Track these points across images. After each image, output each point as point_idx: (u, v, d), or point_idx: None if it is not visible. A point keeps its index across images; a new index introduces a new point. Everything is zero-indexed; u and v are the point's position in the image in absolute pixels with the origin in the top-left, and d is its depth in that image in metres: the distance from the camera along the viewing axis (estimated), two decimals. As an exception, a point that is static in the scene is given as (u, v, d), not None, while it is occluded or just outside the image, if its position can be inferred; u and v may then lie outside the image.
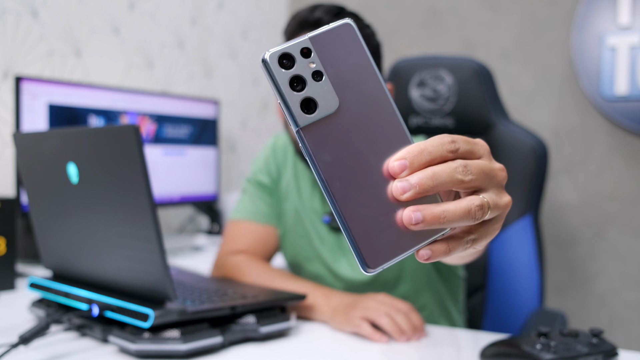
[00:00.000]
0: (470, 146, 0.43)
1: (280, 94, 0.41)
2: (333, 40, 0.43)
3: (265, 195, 1.20)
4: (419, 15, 2.27)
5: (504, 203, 0.45)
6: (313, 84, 0.42)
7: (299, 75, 0.42)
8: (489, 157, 0.45)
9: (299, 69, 0.42)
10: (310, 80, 0.42)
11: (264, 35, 2.46)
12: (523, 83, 2.09)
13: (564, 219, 2.04)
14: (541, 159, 1.35)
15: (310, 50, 0.42)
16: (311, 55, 0.42)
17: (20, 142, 0.92)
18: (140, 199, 0.74)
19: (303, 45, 0.42)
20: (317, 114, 0.42)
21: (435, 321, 1.16)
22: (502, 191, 0.46)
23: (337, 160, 0.42)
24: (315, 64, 0.42)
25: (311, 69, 0.42)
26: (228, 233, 1.19)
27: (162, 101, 1.75)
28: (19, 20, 1.58)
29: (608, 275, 1.99)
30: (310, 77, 0.42)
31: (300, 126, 0.41)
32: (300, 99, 0.41)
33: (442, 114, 1.43)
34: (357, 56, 0.43)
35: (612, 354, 0.71)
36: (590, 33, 1.95)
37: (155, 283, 0.78)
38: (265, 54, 0.42)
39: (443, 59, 1.44)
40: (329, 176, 0.41)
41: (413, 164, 0.41)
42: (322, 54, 0.42)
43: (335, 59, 0.43)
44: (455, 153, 0.42)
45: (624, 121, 1.91)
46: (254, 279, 1.05)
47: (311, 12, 1.04)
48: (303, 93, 0.42)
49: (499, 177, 0.45)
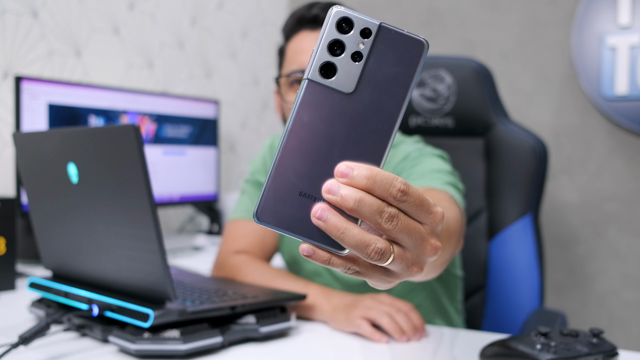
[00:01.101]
0: (419, 209, 0.43)
1: (318, 43, 0.43)
2: (398, 44, 0.43)
3: None
4: (419, 15, 2.27)
5: (411, 272, 0.45)
6: (348, 59, 0.43)
7: (343, 43, 0.43)
8: (431, 229, 0.45)
9: (348, 39, 0.43)
10: (348, 55, 0.43)
11: (264, 35, 2.46)
12: (523, 83, 2.09)
13: (564, 219, 2.04)
14: (541, 159, 1.35)
15: (370, 33, 0.43)
16: (368, 38, 0.43)
17: (20, 142, 0.92)
18: (140, 199, 0.74)
19: (369, 25, 0.43)
20: (329, 82, 0.43)
21: (431, 320, 1.16)
22: (418, 262, 0.45)
23: (310, 126, 0.43)
24: (365, 47, 0.43)
25: (357, 48, 0.43)
26: (228, 233, 1.19)
27: (162, 101, 1.75)
28: (19, 20, 1.58)
29: (608, 275, 1.99)
30: (350, 53, 0.43)
31: (309, 78, 0.43)
32: (326, 60, 0.43)
33: (442, 114, 1.43)
34: (405, 71, 0.43)
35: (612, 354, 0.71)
36: (590, 33, 1.95)
37: (155, 283, 0.78)
38: (334, 7, 0.43)
39: (443, 59, 1.44)
40: (294, 129, 0.43)
41: (354, 178, 0.42)
42: (378, 45, 0.43)
43: (384, 58, 0.43)
44: (399, 203, 0.42)
45: (624, 121, 1.91)
46: (255, 279, 1.05)
47: (308, 10, 1.06)
48: (333, 58, 0.43)
49: (426, 250, 0.45)
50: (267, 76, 2.48)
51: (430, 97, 1.43)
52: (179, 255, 1.65)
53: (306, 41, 1.07)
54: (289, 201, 0.43)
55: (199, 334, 0.78)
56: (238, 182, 2.33)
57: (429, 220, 0.44)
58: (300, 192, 0.43)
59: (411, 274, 0.46)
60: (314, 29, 1.08)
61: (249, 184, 1.23)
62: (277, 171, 0.43)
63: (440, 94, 1.42)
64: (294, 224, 0.43)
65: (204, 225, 2.17)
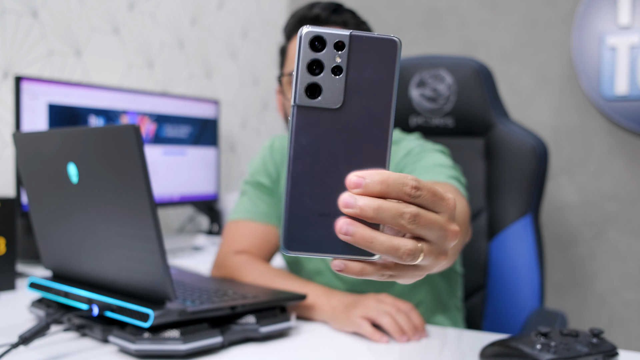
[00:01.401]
0: (433, 200, 0.44)
1: (296, 68, 0.43)
2: (372, 48, 0.44)
3: (265, 196, 1.20)
4: (419, 15, 2.27)
5: (439, 261, 0.47)
6: (329, 75, 0.43)
7: (320, 61, 0.43)
8: (448, 216, 0.46)
9: (324, 56, 0.43)
10: (328, 71, 0.43)
11: (264, 35, 2.46)
12: (523, 83, 2.09)
13: (564, 219, 2.04)
14: (541, 159, 1.35)
15: (344, 45, 0.43)
16: (343, 50, 0.43)
17: (20, 142, 0.92)
18: (140, 199, 0.74)
19: (341, 38, 0.43)
20: (317, 102, 0.43)
21: (433, 317, 1.16)
22: (443, 251, 0.47)
23: (311, 148, 0.43)
24: (342, 60, 0.43)
25: (335, 62, 0.43)
26: (227, 233, 1.19)
27: (162, 101, 1.75)
28: (19, 20, 1.58)
29: (608, 275, 1.99)
30: (330, 69, 0.43)
31: (297, 104, 0.43)
32: (309, 82, 0.43)
33: (442, 113, 1.43)
34: (385, 73, 0.44)
35: (612, 354, 0.71)
36: (590, 33, 1.95)
37: (155, 283, 0.78)
38: (303, 28, 0.43)
39: (443, 58, 1.44)
40: (296, 156, 0.43)
41: (368, 186, 0.42)
42: (354, 54, 0.43)
43: (363, 65, 0.43)
44: (414, 199, 0.43)
45: (624, 121, 1.91)
46: (254, 279, 1.05)
47: (310, 9, 1.07)
48: (315, 78, 0.43)
49: (449, 237, 0.46)
50: (267, 76, 2.48)
51: (431, 96, 1.43)
52: (179, 255, 1.65)
53: None
54: (310, 225, 0.44)
55: (199, 334, 0.78)
56: (238, 182, 2.33)
57: (444, 207, 0.45)
58: (319, 213, 0.44)
59: (439, 263, 0.47)
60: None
61: (249, 185, 1.23)
62: (291, 200, 0.43)
63: (441, 93, 1.42)
64: (322, 244, 0.44)
65: (204, 225, 2.17)
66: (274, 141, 1.26)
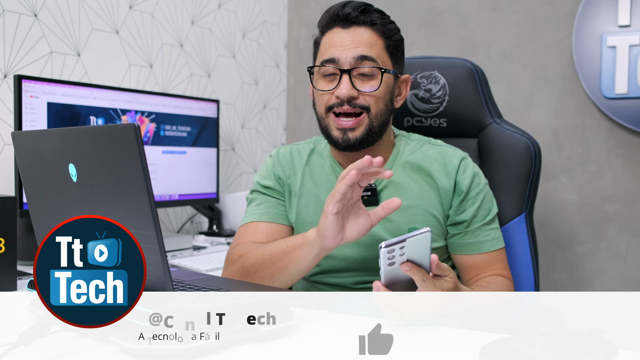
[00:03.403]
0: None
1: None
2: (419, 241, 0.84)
3: (273, 197, 1.24)
4: (419, 15, 2.27)
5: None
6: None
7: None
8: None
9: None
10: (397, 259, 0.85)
11: (264, 35, 2.47)
12: (523, 83, 2.09)
13: (564, 218, 2.04)
14: (535, 158, 1.35)
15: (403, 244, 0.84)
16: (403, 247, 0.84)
17: (19, 142, 0.92)
18: (140, 199, 0.74)
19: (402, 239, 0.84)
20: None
21: None
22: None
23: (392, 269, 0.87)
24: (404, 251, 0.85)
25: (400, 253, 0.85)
26: (237, 234, 1.22)
27: (162, 101, 1.75)
28: (19, 20, 1.58)
29: (608, 275, 1.99)
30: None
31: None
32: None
33: (436, 114, 1.43)
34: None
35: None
36: (590, 33, 1.95)
37: (155, 283, 0.78)
38: (382, 244, 0.83)
39: (436, 59, 1.45)
40: (387, 278, 0.88)
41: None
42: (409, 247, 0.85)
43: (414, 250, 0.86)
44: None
45: (624, 121, 1.91)
46: (260, 252, 1.09)
47: (342, 8, 1.17)
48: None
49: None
50: (267, 76, 2.48)
51: (424, 97, 1.43)
52: (179, 255, 1.65)
53: (337, 37, 1.16)
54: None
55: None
56: (238, 182, 2.33)
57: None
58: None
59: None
60: (346, 27, 1.16)
61: (255, 192, 1.27)
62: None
63: (434, 94, 1.42)
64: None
65: (204, 225, 2.17)
66: (279, 150, 1.30)
